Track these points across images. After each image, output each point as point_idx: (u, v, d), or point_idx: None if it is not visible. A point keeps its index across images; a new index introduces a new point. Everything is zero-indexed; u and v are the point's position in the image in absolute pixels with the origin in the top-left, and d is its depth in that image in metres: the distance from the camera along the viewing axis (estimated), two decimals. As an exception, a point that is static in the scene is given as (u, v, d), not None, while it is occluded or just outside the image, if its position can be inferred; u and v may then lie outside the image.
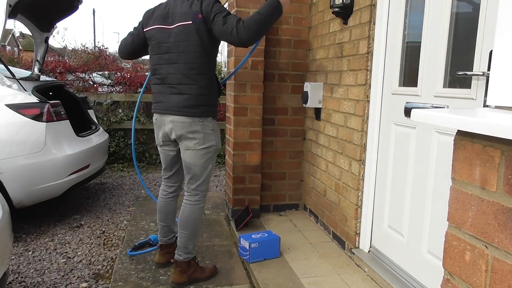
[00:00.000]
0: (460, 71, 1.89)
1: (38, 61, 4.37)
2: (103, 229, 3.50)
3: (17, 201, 3.19)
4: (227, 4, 3.63)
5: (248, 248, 2.72)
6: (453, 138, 0.99)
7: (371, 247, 2.69)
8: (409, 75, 2.36)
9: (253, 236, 2.80)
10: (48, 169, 3.31)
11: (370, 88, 2.62)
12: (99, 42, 38.55)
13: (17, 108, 3.22)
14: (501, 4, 0.96)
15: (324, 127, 3.28)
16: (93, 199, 4.37)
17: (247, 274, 2.69)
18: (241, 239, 2.82)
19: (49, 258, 2.97)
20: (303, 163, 3.74)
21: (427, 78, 2.17)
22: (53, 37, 14.94)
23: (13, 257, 2.94)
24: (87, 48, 9.12)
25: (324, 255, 2.85)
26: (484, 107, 1.52)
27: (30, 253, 3.03)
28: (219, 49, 2.63)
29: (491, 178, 0.88)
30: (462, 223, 0.96)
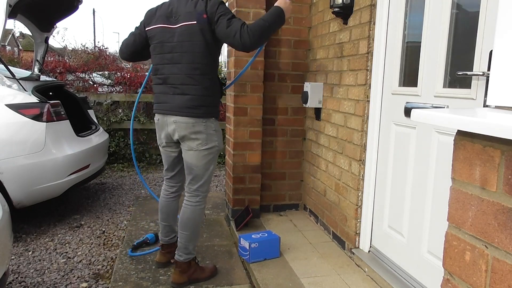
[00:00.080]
0: (460, 71, 1.89)
1: (38, 61, 4.37)
2: (103, 229, 3.50)
3: (17, 201, 3.19)
4: (227, 4, 3.63)
5: (248, 248, 2.72)
6: (453, 138, 0.99)
7: (371, 247, 2.69)
8: (409, 75, 2.36)
9: (253, 236, 2.80)
10: (48, 169, 3.31)
11: (370, 88, 2.62)
12: (99, 42, 38.59)
13: (17, 108, 3.22)
14: (501, 4, 0.96)
15: (324, 127, 3.28)
16: (93, 199, 4.37)
17: (247, 274, 2.69)
18: (241, 239, 2.82)
19: (49, 258, 2.97)
20: (303, 163, 3.74)
21: (427, 78, 2.17)
22: (53, 37, 14.94)
23: (13, 257, 2.94)
24: (87, 48, 9.13)
25: (324, 255, 2.85)
26: (484, 107, 1.52)
27: (30, 253, 3.03)
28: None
29: (491, 178, 0.88)
30: (462, 223, 0.96)
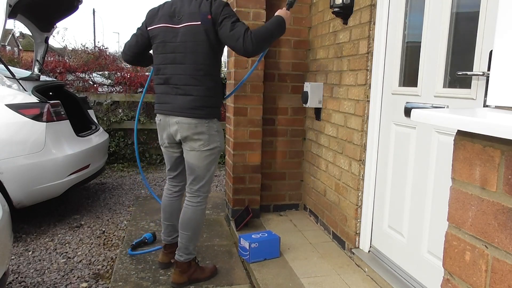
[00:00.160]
0: (460, 71, 1.89)
1: (38, 61, 4.37)
2: (103, 229, 3.50)
3: (17, 201, 3.19)
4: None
5: (248, 248, 2.72)
6: (453, 138, 0.99)
7: (371, 247, 2.69)
8: (409, 75, 2.36)
9: (253, 236, 2.80)
10: (48, 169, 3.31)
11: (370, 88, 2.62)
12: (99, 42, 38.63)
13: (17, 108, 3.22)
14: (501, 4, 0.96)
15: (324, 127, 3.28)
16: (93, 199, 4.37)
17: (247, 274, 2.69)
18: (241, 239, 2.82)
19: (49, 258, 2.97)
20: (303, 163, 3.74)
21: (427, 78, 2.17)
22: (53, 37, 14.94)
23: (13, 257, 2.94)
24: (87, 48, 9.14)
25: (324, 255, 2.85)
26: (484, 107, 1.52)
27: (30, 253, 3.03)
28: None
29: (491, 178, 0.88)
30: (462, 223, 0.96)
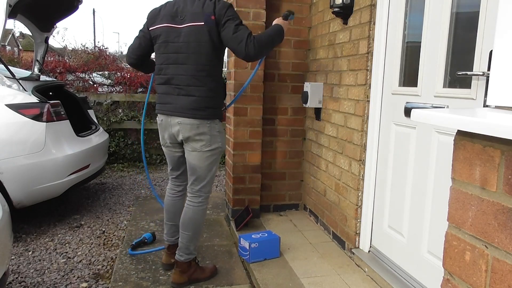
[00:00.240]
0: (460, 71, 1.89)
1: (38, 61, 4.37)
2: (103, 229, 3.50)
3: (17, 201, 3.19)
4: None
5: (248, 248, 2.72)
6: (453, 138, 0.99)
7: (371, 247, 2.69)
8: (409, 75, 2.36)
9: (253, 236, 2.80)
10: (48, 169, 3.31)
11: (370, 88, 2.62)
12: (99, 42, 38.63)
13: (17, 108, 3.22)
14: (501, 4, 0.96)
15: (324, 127, 3.28)
16: (93, 199, 4.37)
17: (247, 274, 2.69)
18: (241, 239, 2.82)
19: (49, 258, 2.97)
20: (303, 163, 3.74)
21: (427, 78, 2.17)
22: (53, 37, 14.95)
23: (13, 257, 2.94)
24: (87, 48, 9.13)
25: (324, 255, 2.85)
26: (484, 107, 1.52)
27: (30, 253, 3.03)
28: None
29: (491, 178, 0.88)
30: (462, 223, 0.96)
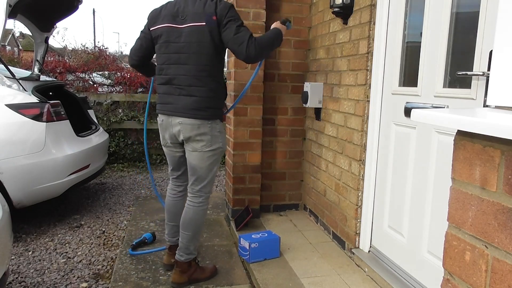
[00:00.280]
0: (460, 71, 1.89)
1: (38, 61, 4.37)
2: (103, 229, 3.50)
3: (17, 201, 3.19)
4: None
5: (248, 248, 2.72)
6: (453, 138, 0.99)
7: (371, 247, 2.69)
8: (409, 75, 2.36)
9: (253, 236, 2.80)
10: (48, 169, 3.31)
11: (370, 88, 2.62)
12: (99, 42, 38.61)
13: (17, 108, 3.22)
14: (501, 4, 0.96)
15: (324, 127, 3.28)
16: (93, 199, 4.37)
17: (247, 274, 2.69)
18: (241, 239, 2.82)
19: (49, 258, 2.97)
20: (303, 163, 3.74)
21: (427, 78, 2.17)
22: (53, 37, 14.94)
23: (13, 257, 2.94)
24: (87, 48, 9.13)
25: (324, 255, 2.85)
26: (484, 107, 1.52)
27: (30, 253, 3.03)
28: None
29: (491, 178, 0.88)
30: (462, 223, 0.96)
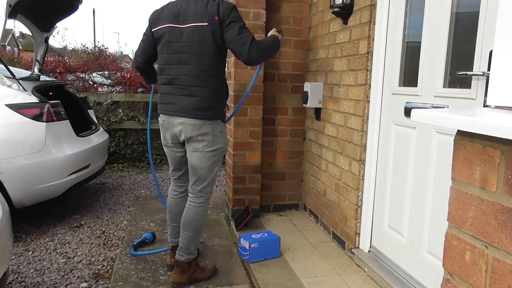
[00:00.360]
0: (460, 71, 1.89)
1: (38, 61, 4.37)
2: (103, 229, 3.50)
3: (17, 201, 3.19)
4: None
5: (248, 248, 2.72)
6: (453, 138, 0.99)
7: (371, 247, 2.69)
8: (409, 75, 2.36)
9: (253, 236, 2.80)
10: (48, 169, 3.31)
11: (370, 88, 2.62)
12: (99, 42, 38.59)
13: (17, 108, 3.22)
14: (501, 4, 0.96)
15: (324, 127, 3.28)
16: (93, 199, 4.37)
17: (247, 274, 2.69)
18: (241, 239, 2.82)
19: (49, 258, 2.97)
20: (303, 163, 3.74)
21: (427, 78, 2.17)
22: (53, 37, 14.95)
23: (13, 257, 2.94)
24: (87, 48, 9.13)
25: (324, 255, 2.85)
26: (484, 107, 1.52)
27: (30, 253, 3.03)
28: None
29: (491, 178, 0.88)
30: (462, 223, 0.96)
